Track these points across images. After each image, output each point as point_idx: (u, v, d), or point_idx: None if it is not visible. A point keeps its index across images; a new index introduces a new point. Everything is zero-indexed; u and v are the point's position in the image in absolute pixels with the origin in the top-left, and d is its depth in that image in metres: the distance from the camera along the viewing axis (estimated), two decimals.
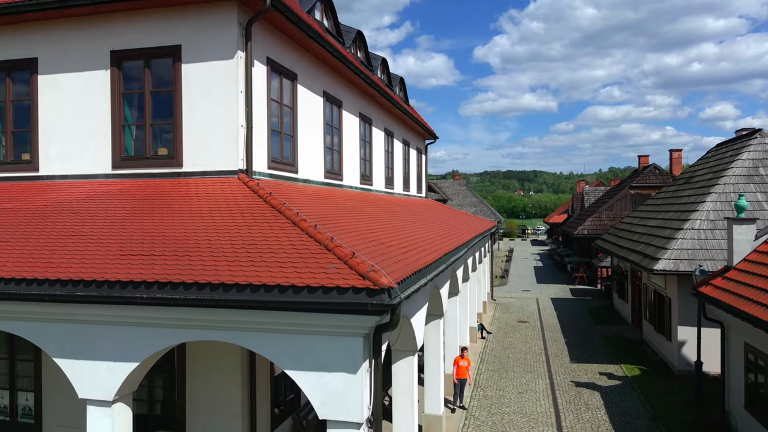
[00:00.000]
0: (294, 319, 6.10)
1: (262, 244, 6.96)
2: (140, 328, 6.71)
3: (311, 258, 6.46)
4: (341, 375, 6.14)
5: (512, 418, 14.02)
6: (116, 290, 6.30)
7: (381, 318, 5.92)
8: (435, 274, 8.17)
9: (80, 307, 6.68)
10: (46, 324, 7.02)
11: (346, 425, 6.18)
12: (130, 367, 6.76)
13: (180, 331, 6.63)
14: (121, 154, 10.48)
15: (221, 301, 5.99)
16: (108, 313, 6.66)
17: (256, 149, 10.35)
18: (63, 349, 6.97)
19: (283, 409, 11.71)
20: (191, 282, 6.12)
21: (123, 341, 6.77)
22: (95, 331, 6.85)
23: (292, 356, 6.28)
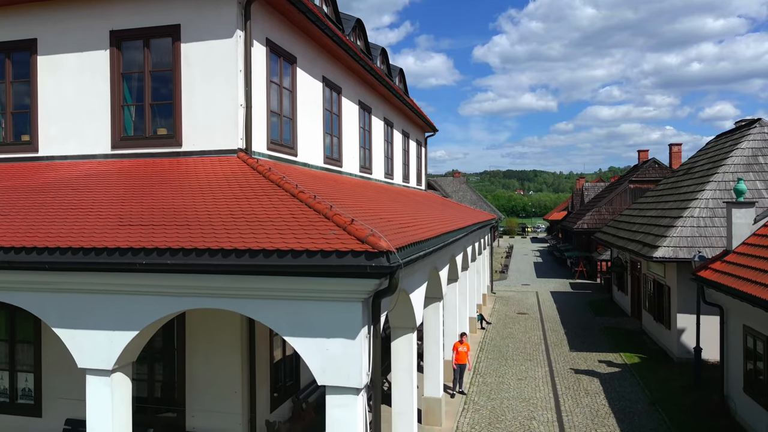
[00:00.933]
0: (293, 284, 6.11)
1: (262, 215, 6.97)
2: (140, 296, 6.73)
3: (310, 226, 6.48)
4: (340, 341, 6.15)
5: (511, 402, 14.03)
6: (116, 257, 6.31)
7: (380, 282, 5.93)
8: (433, 249, 8.18)
9: (80, 275, 6.69)
10: (45, 294, 7.03)
11: (346, 391, 6.20)
12: (130, 336, 6.77)
13: (179, 299, 6.64)
14: (120, 134, 10.49)
15: (220, 266, 6.00)
16: (107, 281, 6.67)
17: (255, 130, 10.35)
18: (63, 319, 6.99)
19: (283, 391, 11.73)
20: (190, 248, 6.13)
21: (122, 310, 6.78)
22: (95, 301, 6.86)
23: (291, 323, 6.29)
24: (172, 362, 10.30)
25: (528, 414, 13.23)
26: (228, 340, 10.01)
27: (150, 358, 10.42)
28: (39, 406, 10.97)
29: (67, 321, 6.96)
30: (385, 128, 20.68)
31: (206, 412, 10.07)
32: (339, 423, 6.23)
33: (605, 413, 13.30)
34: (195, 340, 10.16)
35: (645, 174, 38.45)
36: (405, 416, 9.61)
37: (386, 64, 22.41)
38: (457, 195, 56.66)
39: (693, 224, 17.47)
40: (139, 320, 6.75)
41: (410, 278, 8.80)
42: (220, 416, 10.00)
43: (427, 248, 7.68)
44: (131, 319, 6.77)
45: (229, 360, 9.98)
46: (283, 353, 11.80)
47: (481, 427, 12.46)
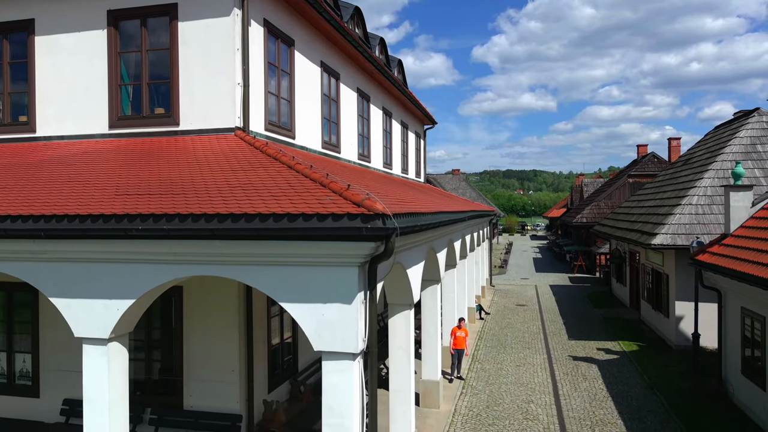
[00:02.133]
0: (289, 249, 6.11)
1: (258, 183, 6.98)
2: (136, 264, 6.72)
3: (306, 192, 6.48)
4: (336, 306, 6.15)
5: (510, 387, 14.03)
6: (112, 224, 6.30)
7: (375, 246, 5.93)
8: (430, 223, 8.17)
9: (76, 243, 6.68)
10: (41, 264, 7.02)
11: (342, 356, 6.19)
12: (126, 305, 6.76)
13: (175, 267, 6.63)
14: (117, 113, 10.49)
15: (216, 230, 5.99)
16: (103, 249, 6.66)
17: (253, 110, 10.35)
18: (59, 289, 6.98)
19: (281, 373, 11.73)
20: (186, 213, 6.12)
21: (119, 278, 6.77)
22: (91, 269, 6.85)
23: (287, 288, 6.29)
24: (170, 342, 10.30)
25: (526, 398, 13.23)
26: (225, 320, 10.01)
27: (147, 338, 10.42)
28: (37, 387, 10.96)
29: (63, 290, 6.96)
30: (384, 118, 20.67)
31: (204, 391, 10.07)
32: (335, 388, 6.23)
33: (603, 396, 13.30)
34: (192, 320, 10.16)
35: (644, 168, 38.45)
36: (402, 394, 9.61)
37: (385, 54, 22.40)
38: (457, 192, 56.65)
39: (691, 212, 17.46)
40: (136, 289, 6.74)
41: (407, 253, 8.80)
42: (218, 395, 10.00)
43: (424, 221, 7.67)
44: (127, 288, 6.76)
45: (227, 339, 9.98)
46: (280, 336, 11.80)
47: (479, 410, 12.46)
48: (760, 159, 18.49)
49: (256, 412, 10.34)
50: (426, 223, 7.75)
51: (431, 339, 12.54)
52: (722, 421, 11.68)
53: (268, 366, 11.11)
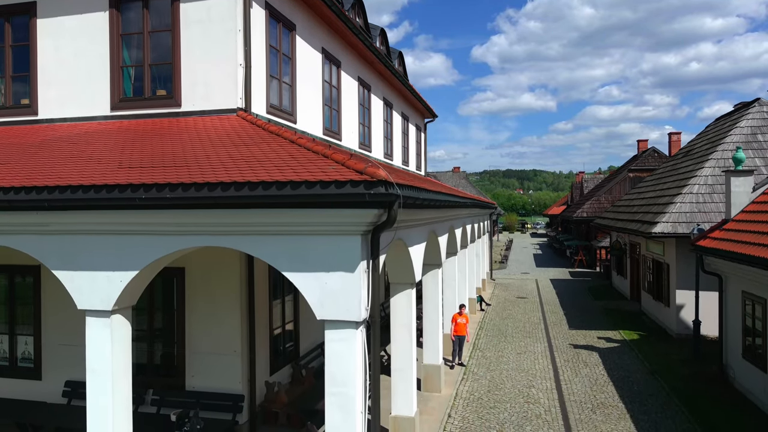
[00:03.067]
0: (292, 218, 6.12)
1: (261, 156, 6.99)
2: (139, 236, 6.74)
3: (309, 163, 6.50)
4: (339, 274, 6.16)
5: (510, 373, 14.05)
6: (115, 194, 6.30)
7: (378, 214, 5.95)
8: (432, 200, 8.18)
9: (79, 214, 6.70)
10: (45, 237, 7.04)
11: (345, 325, 6.21)
12: (129, 276, 6.78)
13: (179, 238, 6.65)
14: (119, 95, 10.50)
15: (220, 199, 6.00)
16: (107, 220, 6.68)
17: (254, 92, 10.36)
18: (62, 261, 7.00)
19: (283, 356, 11.75)
20: (190, 182, 6.12)
21: (121, 250, 6.79)
22: (94, 241, 6.87)
23: (290, 258, 6.30)
24: (172, 323, 10.33)
25: (527, 383, 13.25)
26: (227, 301, 10.03)
27: (149, 319, 10.45)
28: (39, 370, 10.99)
29: (66, 263, 6.97)
30: (385, 108, 20.68)
31: (206, 372, 10.09)
32: (338, 357, 6.24)
33: (604, 381, 13.33)
34: (194, 301, 10.18)
35: (645, 163, 38.47)
36: (404, 373, 9.62)
37: (386, 45, 22.41)
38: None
39: (692, 200, 17.48)
40: (139, 260, 6.76)
41: (409, 231, 8.82)
42: (219, 376, 10.02)
43: (425, 196, 7.67)
44: (131, 259, 6.78)
45: (229, 321, 10.01)
46: (282, 320, 11.83)
47: (480, 394, 12.48)
48: (760, 148, 18.51)
49: (258, 393, 10.36)
50: (427, 198, 7.76)
51: (432, 323, 12.56)
52: (722, 403, 11.70)
53: (270, 349, 11.13)
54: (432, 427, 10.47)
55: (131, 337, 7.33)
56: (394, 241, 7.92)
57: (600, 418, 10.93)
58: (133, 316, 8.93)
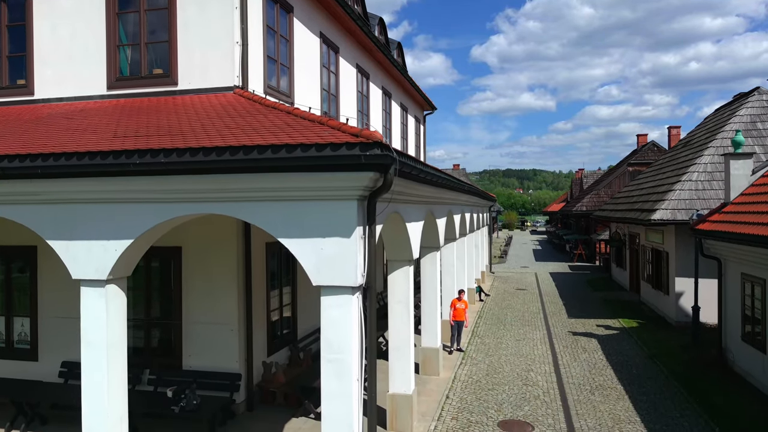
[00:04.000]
0: (287, 182, 6.07)
1: (257, 124, 6.96)
2: (133, 204, 6.69)
3: (305, 129, 6.46)
4: (336, 240, 6.12)
5: (509, 358, 14.01)
6: (110, 160, 6.25)
7: (374, 179, 5.90)
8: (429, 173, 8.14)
9: (74, 182, 6.65)
10: (40, 206, 6.99)
11: (341, 291, 6.16)
12: (124, 245, 6.73)
13: (174, 206, 6.60)
14: (116, 74, 10.46)
15: (215, 163, 5.95)
16: (102, 188, 6.63)
17: (251, 71, 10.31)
18: (57, 231, 6.94)
19: (280, 339, 11.70)
20: (185, 147, 6.07)
21: (116, 219, 6.74)
22: (89, 210, 6.82)
23: (286, 224, 6.25)
24: (169, 303, 10.28)
25: (526, 367, 13.21)
26: (224, 281, 9.98)
27: (146, 298, 10.40)
28: (35, 351, 10.94)
29: (61, 232, 6.92)
30: (384, 98, 20.63)
31: (203, 352, 10.05)
32: (334, 324, 6.19)
33: (603, 365, 13.29)
34: (191, 281, 10.13)
35: (644, 156, 38.43)
36: (402, 351, 9.57)
37: (384, 35, 22.36)
38: None
39: (691, 188, 17.44)
40: (134, 228, 6.71)
41: (406, 207, 8.78)
42: (217, 355, 9.98)
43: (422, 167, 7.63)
44: (126, 228, 6.73)
45: (226, 300, 9.96)
46: (280, 302, 11.78)
47: (479, 377, 12.44)
48: (760, 136, 18.46)
49: (255, 372, 10.32)
50: (424, 170, 7.71)
51: (431, 306, 12.50)
52: (721, 385, 11.66)
53: (267, 330, 11.09)
54: (430, 407, 10.43)
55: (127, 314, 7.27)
56: (391, 214, 7.87)
57: (599, 399, 10.89)
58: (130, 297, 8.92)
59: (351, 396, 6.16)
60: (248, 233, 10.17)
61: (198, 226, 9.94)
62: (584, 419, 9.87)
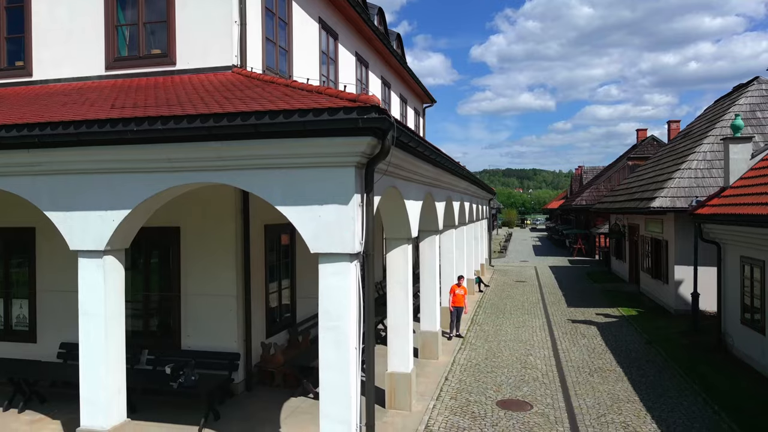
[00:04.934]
0: (286, 149, 6.06)
1: (255, 96, 6.96)
2: (131, 174, 6.69)
3: (303, 97, 6.47)
4: (334, 207, 6.11)
5: (509, 344, 14.00)
6: (106, 128, 6.25)
7: (372, 145, 5.90)
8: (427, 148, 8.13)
9: (70, 152, 6.64)
10: (37, 177, 6.99)
11: (339, 258, 6.15)
12: (122, 215, 6.72)
13: (171, 175, 6.59)
14: (114, 55, 10.44)
15: (213, 129, 5.94)
16: (98, 157, 6.62)
17: (250, 51, 10.29)
18: (54, 202, 6.95)
19: (279, 322, 11.69)
20: (182, 115, 6.07)
21: (114, 189, 6.74)
22: (86, 181, 6.82)
23: (284, 191, 6.25)
24: (168, 284, 10.26)
25: (525, 351, 13.20)
26: (223, 262, 9.96)
27: (145, 280, 10.39)
28: (34, 332, 10.93)
29: (58, 203, 6.92)
30: (383, 88, 20.61)
31: (202, 332, 10.03)
32: (332, 291, 6.19)
33: (602, 350, 13.28)
34: (190, 259, 10.12)
35: (644, 151, 38.39)
36: (400, 330, 9.55)
37: (384, 25, 22.35)
38: None
39: (691, 176, 17.44)
40: (131, 199, 6.70)
41: (405, 183, 8.77)
42: (215, 336, 9.96)
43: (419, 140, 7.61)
44: (123, 198, 6.72)
45: (224, 281, 9.93)
46: (279, 285, 11.76)
47: (478, 360, 12.43)
48: (759, 125, 18.44)
49: (254, 353, 10.31)
50: (422, 143, 7.71)
51: (430, 290, 12.49)
52: (720, 368, 11.65)
53: (266, 312, 11.07)
54: (429, 388, 10.42)
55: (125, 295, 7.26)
56: (389, 188, 7.86)
57: (598, 381, 10.88)
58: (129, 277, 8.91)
59: (349, 364, 6.15)
60: (247, 215, 10.16)
61: (196, 206, 9.93)
62: (583, 399, 9.86)
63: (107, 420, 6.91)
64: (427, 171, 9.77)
